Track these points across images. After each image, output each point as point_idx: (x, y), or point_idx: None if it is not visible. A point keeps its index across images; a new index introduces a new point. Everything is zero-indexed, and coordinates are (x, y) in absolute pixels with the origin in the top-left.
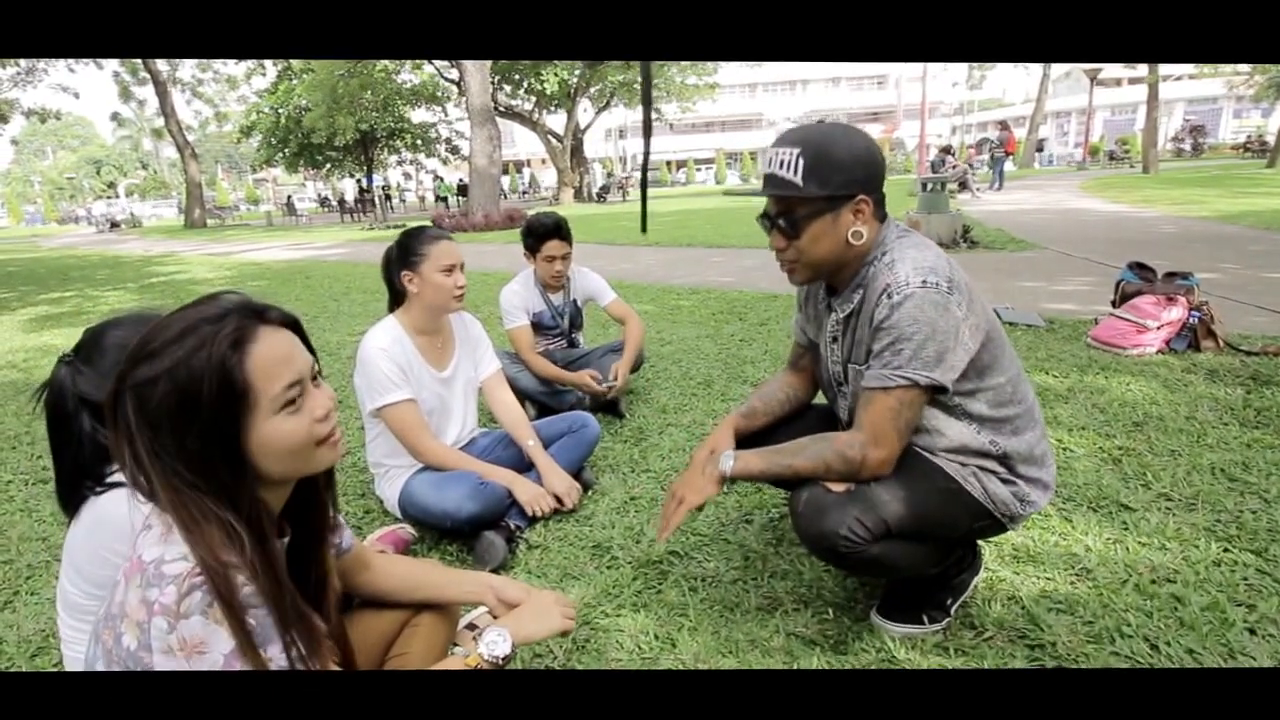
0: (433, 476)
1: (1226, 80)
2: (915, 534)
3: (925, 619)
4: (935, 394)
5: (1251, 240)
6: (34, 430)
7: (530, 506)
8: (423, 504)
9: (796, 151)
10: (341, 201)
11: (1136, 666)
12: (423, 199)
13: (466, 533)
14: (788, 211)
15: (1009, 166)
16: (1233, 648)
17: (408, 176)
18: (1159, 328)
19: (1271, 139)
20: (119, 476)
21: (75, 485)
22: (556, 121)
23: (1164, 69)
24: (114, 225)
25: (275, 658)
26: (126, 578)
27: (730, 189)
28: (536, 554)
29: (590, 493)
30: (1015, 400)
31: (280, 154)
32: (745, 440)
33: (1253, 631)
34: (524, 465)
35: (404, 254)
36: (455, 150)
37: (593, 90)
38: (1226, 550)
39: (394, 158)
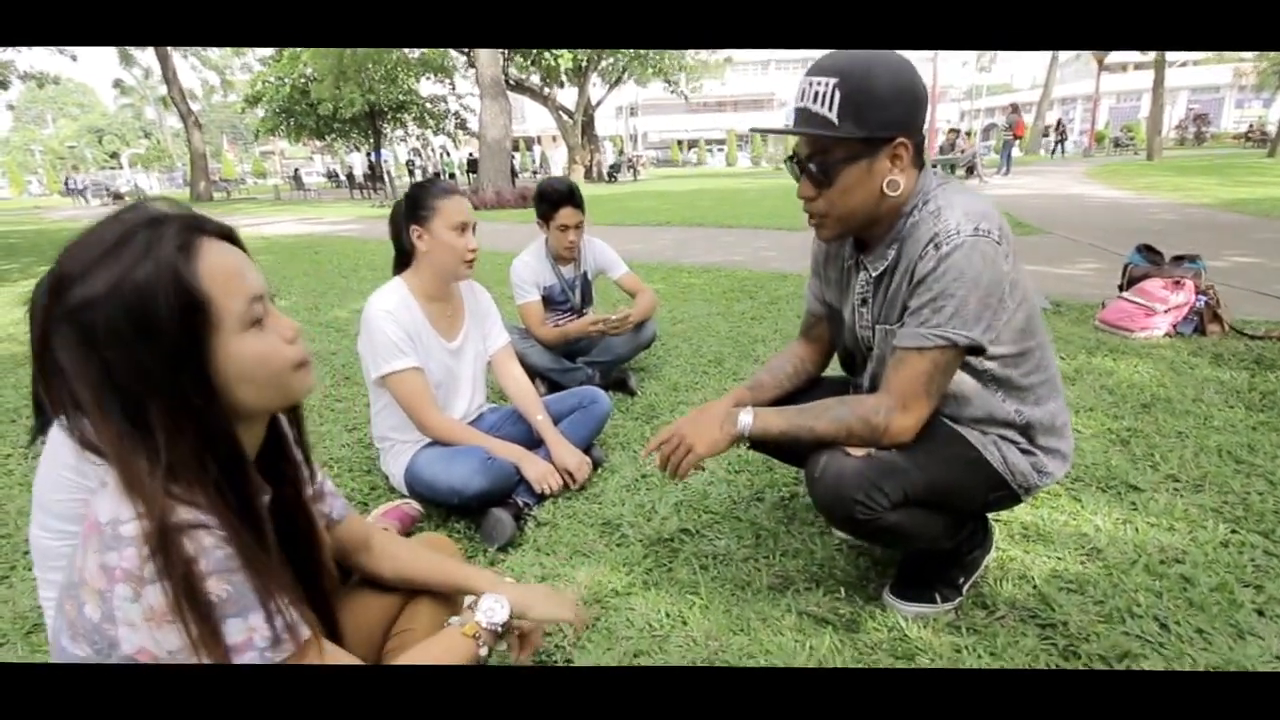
0: (439, 451)
1: (1233, 68)
2: (933, 503)
3: (938, 597)
4: (970, 354)
5: (1252, 228)
6: None
7: (539, 483)
8: (429, 480)
9: (833, 82)
10: (350, 176)
11: (1132, 648)
12: (428, 173)
13: (474, 509)
14: (821, 153)
15: (1015, 151)
16: (1241, 628)
17: (417, 152)
18: (1166, 311)
19: (1272, 129)
20: None
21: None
22: (567, 97)
23: (1170, 55)
24: (117, 197)
25: (258, 628)
26: (84, 541)
27: (784, 161)
28: (545, 531)
29: (600, 470)
30: (1043, 367)
31: (285, 124)
32: None
33: (1261, 613)
34: (533, 442)
35: (413, 207)
36: (463, 125)
37: (604, 65)
38: (1234, 532)
39: (399, 132)
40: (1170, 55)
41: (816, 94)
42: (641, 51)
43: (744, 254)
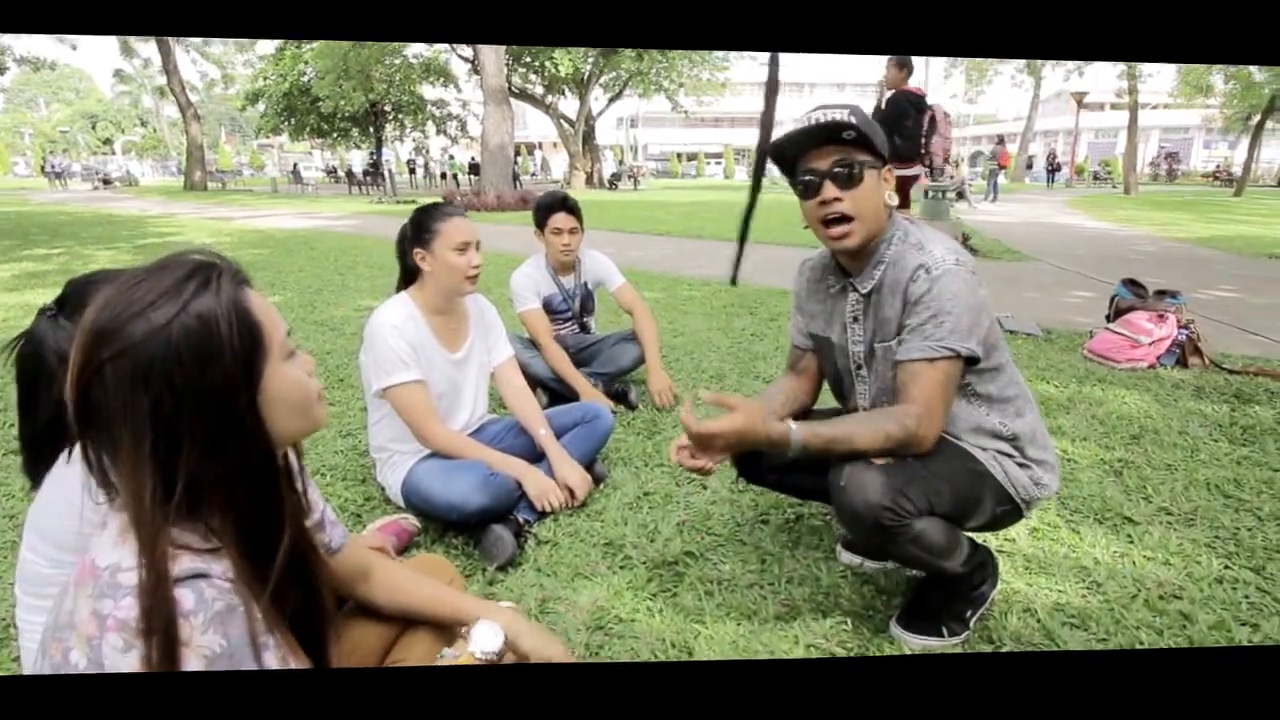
0: (439, 464)
1: (1200, 113)
2: (951, 514)
3: (945, 631)
4: (968, 365)
5: (1228, 264)
6: (6, 395)
7: (540, 500)
8: (427, 494)
9: (847, 110)
10: (350, 173)
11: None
12: (434, 175)
13: (473, 525)
14: (846, 159)
15: (1001, 179)
16: None
17: (418, 152)
18: (1151, 343)
19: (1237, 170)
20: None
21: (43, 453)
22: (569, 107)
23: (1143, 97)
24: (106, 182)
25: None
26: (77, 584)
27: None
28: (546, 550)
29: (601, 486)
30: (1015, 380)
31: (286, 123)
32: None
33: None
34: (534, 455)
35: (417, 231)
36: (465, 128)
37: (605, 78)
38: (1227, 568)
39: (398, 133)
40: (1143, 97)
41: (835, 118)
42: (644, 66)
43: (744, 268)
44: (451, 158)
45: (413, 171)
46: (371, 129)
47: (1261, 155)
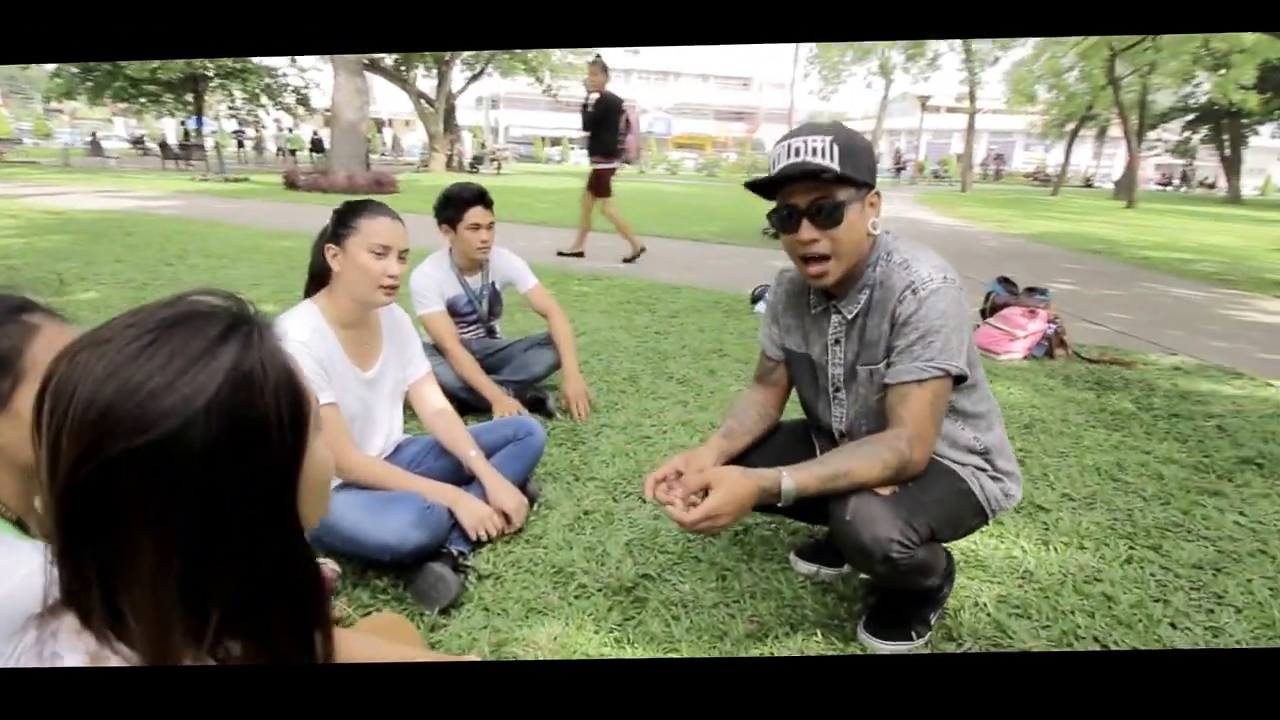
0: (361, 498)
1: (1023, 118)
2: (942, 535)
3: (914, 634)
4: (955, 383)
5: (1059, 258)
6: None
7: (477, 529)
8: (352, 533)
9: (829, 139)
10: (164, 145)
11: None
12: (267, 150)
13: (407, 565)
14: (825, 198)
15: None
16: (1164, 641)
17: (245, 124)
18: (1025, 337)
19: (1052, 171)
20: None
21: None
22: (425, 83)
23: (979, 102)
24: None
25: None
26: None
27: (753, 178)
28: (490, 585)
29: (536, 507)
30: (986, 395)
31: (83, 85)
32: (726, 463)
33: (1174, 625)
34: (459, 478)
35: (336, 223)
36: (304, 101)
37: (466, 55)
38: (1132, 548)
39: (225, 102)
40: (980, 102)
41: (815, 149)
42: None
43: (635, 263)
44: (290, 131)
45: (241, 145)
46: (192, 95)
47: (1072, 159)
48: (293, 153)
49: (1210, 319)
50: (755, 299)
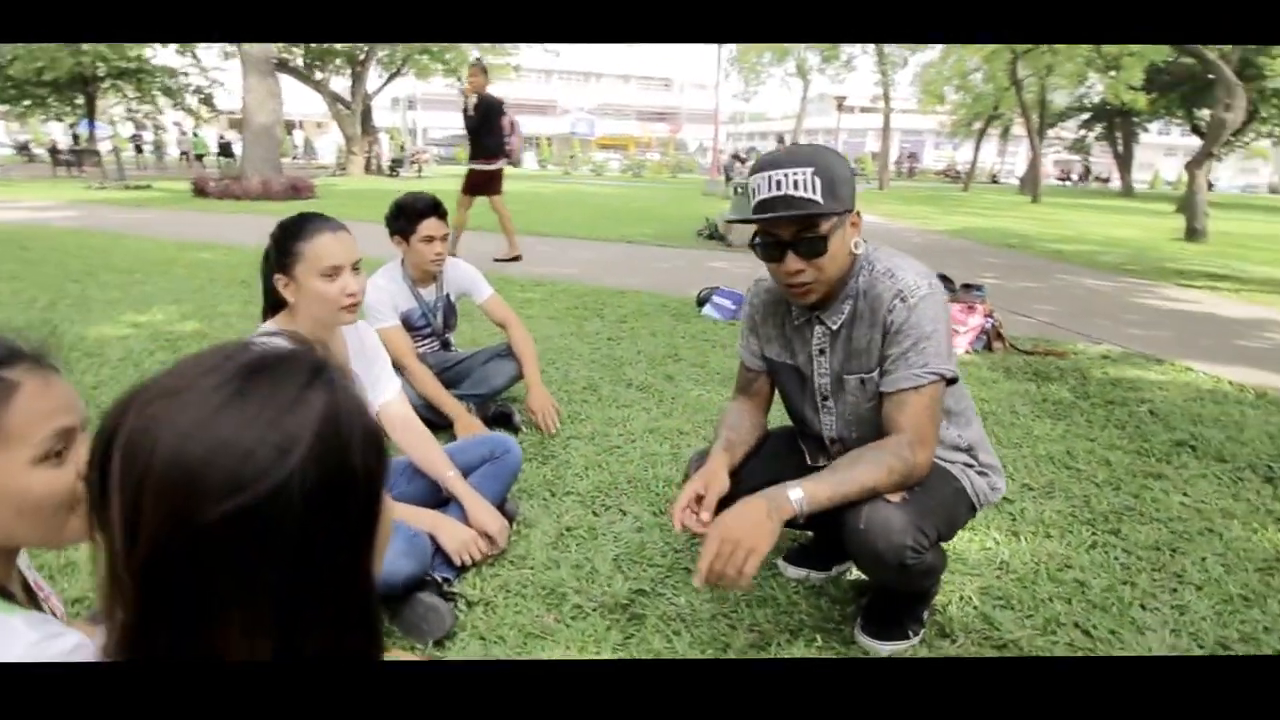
0: None
1: (933, 118)
2: (945, 536)
3: (910, 633)
4: (948, 385)
5: (979, 253)
6: None
7: (461, 554)
8: None
9: (810, 170)
10: (54, 150)
11: (1076, 654)
12: (168, 154)
13: (397, 597)
14: (810, 230)
15: None
16: (1139, 624)
17: (141, 127)
18: (966, 332)
19: (960, 168)
20: None
21: None
22: (338, 84)
23: (893, 103)
24: None
25: None
26: None
27: (735, 217)
28: (481, 612)
29: (515, 526)
30: (964, 393)
31: None
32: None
33: (1144, 606)
34: (435, 500)
35: (277, 252)
36: (208, 101)
37: (382, 54)
38: (1094, 534)
39: (118, 104)
40: (893, 103)
41: (796, 182)
42: (423, 47)
43: (568, 265)
44: (196, 135)
45: (140, 150)
46: (82, 97)
47: (980, 156)
48: (199, 157)
49: (1125, 308)
50: (701, 302)
